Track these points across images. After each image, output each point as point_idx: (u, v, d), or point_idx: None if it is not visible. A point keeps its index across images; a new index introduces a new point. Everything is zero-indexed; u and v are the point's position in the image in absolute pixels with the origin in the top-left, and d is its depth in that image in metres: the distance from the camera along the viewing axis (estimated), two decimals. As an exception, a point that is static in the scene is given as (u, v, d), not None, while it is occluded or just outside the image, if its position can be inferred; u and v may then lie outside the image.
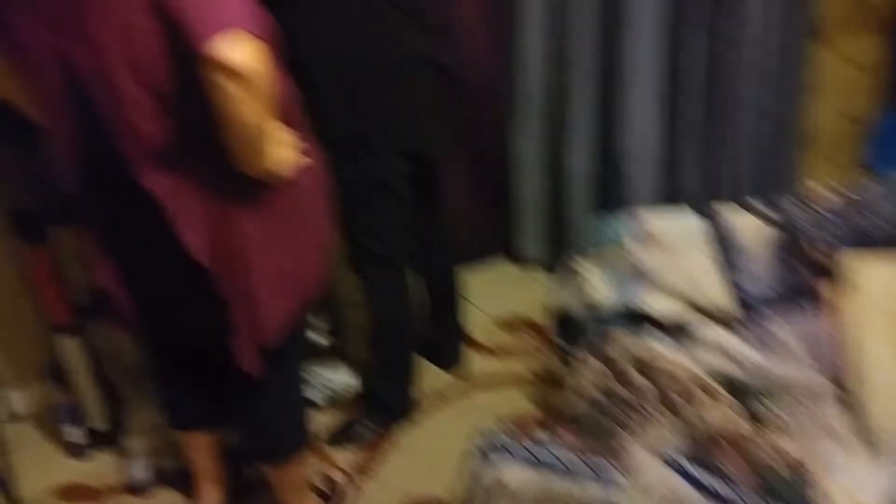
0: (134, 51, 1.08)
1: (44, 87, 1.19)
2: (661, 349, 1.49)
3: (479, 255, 2.87)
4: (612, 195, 2.56)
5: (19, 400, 2.29)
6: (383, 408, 2.10)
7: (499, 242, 2.95)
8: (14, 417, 2.26)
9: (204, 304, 1.33)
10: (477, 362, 2.39)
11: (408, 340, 2.07)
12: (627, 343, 1.50)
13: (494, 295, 2.73)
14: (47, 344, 2.01)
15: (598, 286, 1.61)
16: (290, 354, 1.52)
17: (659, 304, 1.56)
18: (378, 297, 1.95)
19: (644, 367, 1.49)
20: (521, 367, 2.35)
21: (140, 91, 1.11)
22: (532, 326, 2.56)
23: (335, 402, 2.21)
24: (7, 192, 1.82)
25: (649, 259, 1.59)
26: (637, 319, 1.57)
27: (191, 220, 1.22)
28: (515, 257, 2.95)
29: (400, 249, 1.92)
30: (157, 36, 1.07)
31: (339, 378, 2.23)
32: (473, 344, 2.45)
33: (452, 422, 2.13)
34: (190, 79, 1.08)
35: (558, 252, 2.82)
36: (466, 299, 2.35)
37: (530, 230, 2.86)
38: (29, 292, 1.94)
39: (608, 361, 1.51)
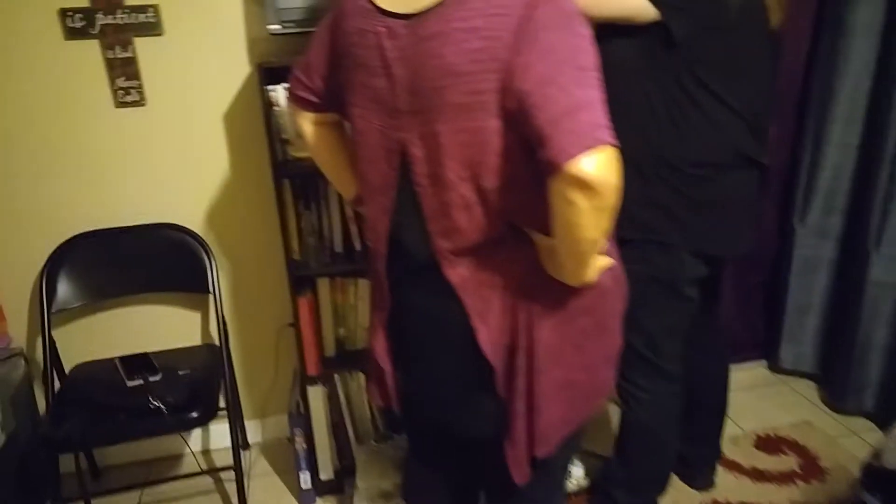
0: (472, 150, 1.05)
1: (373, 168, 1.19)
2: None
3: (735, 359, 2.58)
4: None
5: (262, 433, 2.40)
6: (621, 518, 1.89)
7: (757, 347, 2.65)
8: (253, 448, 2.38)
9: (479, 402, 1.25)
10: (727, 481, 2.12)
11: (664, 455, 1.85)
12: None
13: (751, 407, 2.45)
14: (295, 388, 2.06)
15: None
16: (560, 464, 1.40)
17: None
18: (638, 403, 1.76)
19: None
20: (780, 495, 2.06)
21: (466, 187, 1.08)
22: (795, 448, 2.26)
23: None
24: (282, 244, 1.91)
25: None
26: None
27: (486, 316, 1.16)
28: (777, 366, 2.63)
29: (672, 357, 1.73)
30: (498, 138, 1.03)
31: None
32: (725, 460, 2.18)
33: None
34: (517, 181, 1.04)
35: (832, 368, 2.47)
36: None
37: (802, 339, 2.54)
38: (291, 337, 2.01)
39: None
